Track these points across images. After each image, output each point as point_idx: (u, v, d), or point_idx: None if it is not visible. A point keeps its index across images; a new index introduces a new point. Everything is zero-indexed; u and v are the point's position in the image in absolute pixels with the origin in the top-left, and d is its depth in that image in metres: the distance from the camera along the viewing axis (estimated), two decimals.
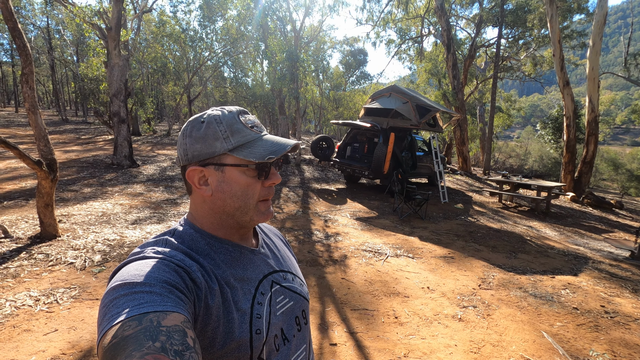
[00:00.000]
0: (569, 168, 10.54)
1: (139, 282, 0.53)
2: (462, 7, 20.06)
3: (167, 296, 0.52)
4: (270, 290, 0.72)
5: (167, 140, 17.07)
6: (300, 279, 0.83)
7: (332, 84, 27.86)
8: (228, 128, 0.67)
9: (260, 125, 0.72)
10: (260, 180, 0.68)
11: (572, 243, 5.77)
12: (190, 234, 0.69)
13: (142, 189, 6.92)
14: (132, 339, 0.44)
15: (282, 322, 0.71)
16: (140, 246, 0.65)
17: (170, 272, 0.57)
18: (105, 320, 0.48)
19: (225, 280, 0.65)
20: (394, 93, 8.60)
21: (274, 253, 0.82)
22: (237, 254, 0.71)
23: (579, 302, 3.43)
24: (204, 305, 0.59)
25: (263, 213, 0.70)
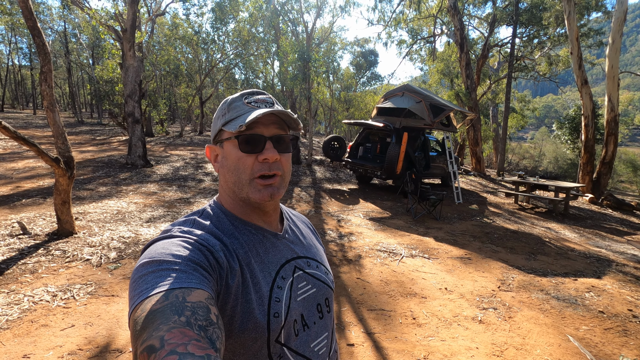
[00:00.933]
0: (587, 169, 10.26)
1: (165, 260, 0.55)
2: (475, 7, 19.80)
3: (192, 273, 0.54)
4: (292, 275, 0.72)
5: (179, 141, 17.25)
6: (325, 267, 0.82)
7: (342, 85, 27.81)
8: (228, 106, 0.71)
9: (266, 102, 0.71)
10: (254, 155, 0.67)
11: (593, 245, 5.59)
12: (217, 214, 0.72)
13: (156, 188, 6.97)
14: (159, 313, 0.46)
15: (302, 308, 0.71)
16: (170, 224, 0.68)
17: (195, 250, 0.59)
18: (135, 295, 0.51)
19: (246, 262, 0.66)
20: (407, 92, 8.50)
21: (300, 239, 0.81)
22: (259, 236, 0.72)
23: (605, 306, 3.30)
24: (224, 283, 0.61)
25: (259, 191, 0.68)
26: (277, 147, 0.69)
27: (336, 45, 25.86)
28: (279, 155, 0.69)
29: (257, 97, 0.72)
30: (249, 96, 0.72)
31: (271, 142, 0.68)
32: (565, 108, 53.48)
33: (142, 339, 0.43)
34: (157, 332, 0.43)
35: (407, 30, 18.53)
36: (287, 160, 0.72)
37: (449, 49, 19.06)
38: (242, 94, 0.73)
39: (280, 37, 10.47)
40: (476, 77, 15.00)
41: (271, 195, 0.68)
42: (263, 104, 0.71)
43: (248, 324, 0.61)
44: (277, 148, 0.69)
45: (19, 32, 28.48)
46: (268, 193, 0.68)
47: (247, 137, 0.67)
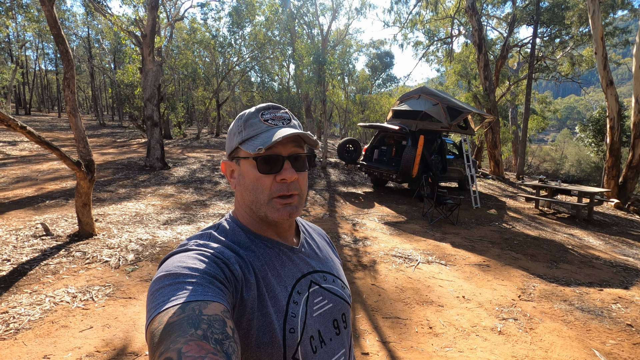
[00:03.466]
0: (612, 173, 9.87)
1: (182, 273, 0.56)
2: (494, 7, 19.42)
3: (208, 286, 0.54)
4: (307, 290, 0.71)
5: (196, 143, 17.54)
6: (342, 282, 0.81)
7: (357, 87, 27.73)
8: (244, 122, 0.70)
9: (283, 119, 0.71)
10: (272, 175, 0.67)
11: (619, 253, 5.36)
12: (233, 228, 0.72)
13: (173, 190, 7.09)
14: (176, 325, 0.46)
15: (319, 324, 0.70)
16: (187, 239, 0.69)
17: (211, 263, 0.60)
18: (152, 308, 0.52)
19: (262, 275, 0.66)
20: (423, 95, 8.39)
21: (316, 253, 0.80)
22: (275, 250, 0.71)
23: (634, 319, 3.14)
24: (240, 296, 0.61)
25: (278, 210, 0.67)
26: (295, 166, 0.69)
27: (351, 47, 25.86)
28: (297, 174, 0.68)
29: (274, 113, 0.71)
30: (265, 112, 0.71)
31: (289, 161, 0.68)
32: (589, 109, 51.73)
33: (160, 351, 0.44)
34: (174, 345, 0.43)
35: (423, 31, 18.33)
36: (304, 178, 0.72)
37: (467, 50, 18.76)
38: (258, 109, 0.72)
39: (296, 40, 10.52)
40: (495, 78, 14.68)
41: (290, 215, 0.68)
42: (280, 121, 0.70)
43: (264, 339, 0.61)
44: (294, 167, 0.68)
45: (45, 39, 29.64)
46: (287, 212, 0.68)
47: (266, 157, 0.67)
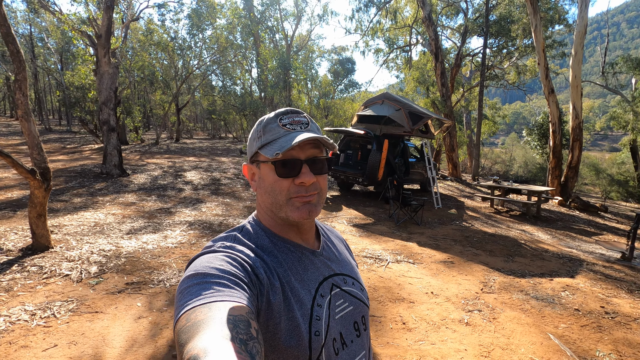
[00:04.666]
0: (555, 173, 10.80)
1: (209, 273, 0.58)
2: (448, 18, 20.59)
3: (234, 288, 0.56)
4: (330, 293, 0.72)
5: (155, 149, 16.81)
6: (360, 284, 0.82)
7: (320, 92, 28.06)
8: (263, 127, 0.72)
9: (301, 123, 0.72)
10: (290, 178, 0.68)
11: (565, 246, 5.89)
12: (256, 231, 0.74)
13: (134, 198, 6.77)
14: (202, 324, 0.48)
15: (340, 326, 0.71)
16: (212, 240, 0.71)
17: (237, 266, 0.61)
18: (180, 306, 0.53)
19: (286, 279, 0.67)
20: (386, 100, 8.70)
21: (335, 256, 0.81)
22: (298, 254, 0.73)
23: (580, 304, 3.48)
24: (266, 300, 0.62)
25: (298, 209, 0.69)
26: (313, 169, 0.69)
27: (314, 53, 26.15)
28: (316, 177, 0.69)
29: (292, 117, 0.72)
30: (283, 117, 0.72)
31: (307, 165, 0.69)
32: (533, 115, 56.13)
33: (187, 348, 0.45)
34: (200, 343, 0.44)
35: (383, 39, 18.99)
36: (324, 179, 0.73)
37: (424, 58, 19.67)
38: (277, 114, 0.73)
39: (260, 44, 10.49)
40: (450, 85, 15.53)
41: (309, 213, 0.69)
42: (298, 125, 0.72)
43: (292, 342, 0.62)
44: (313, 170, 0.69)
45: None
46: (306, 210, 0.69)
47: (284, 161, 0.68)
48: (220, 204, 6.91)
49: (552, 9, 14.76)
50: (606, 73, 18.79)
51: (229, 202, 7.13)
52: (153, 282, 3.27)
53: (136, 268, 3.54)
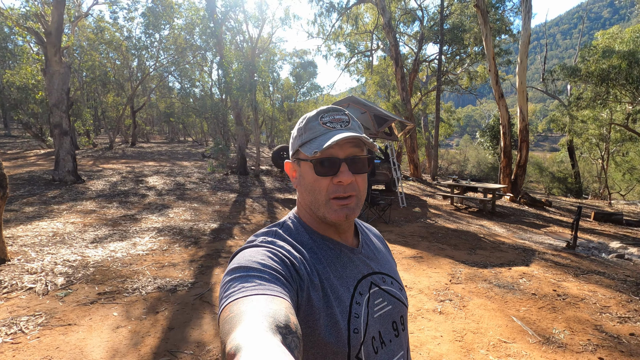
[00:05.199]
0: (506, 172, 11.66)
1: (252, 267, 0.59)
2: (405, 25, 21.51)
3: (275, 282, 0.57)
4: (368, 292, 0.72)
5: (110, 153, 15.92)
6: (399, 283, 0.81)
7: (282, 95, 28.06)
8: (305, 125, 0.73)
9: (342, 121, 0.72)
10: (329, 177, 0.68)
11: (518, 238, 6.41)
12: (296, 227, 0.74)
13: (94, 205, 6.40)
14: (243, 316, 0.49)
15: (379, 325, 0.71)
16: (254, 235, 0.72)
17: (278, 261, 0.62)
18: (224, 297, 0.55)
19: (325, 276, 0.68)
20: (352, 103, 8.95)
21: (374, 254, 0.81)
22: (337, 251, 0.73)
23: (536, 289, 3.84)
24: (306, 296, 0.63)
25: (335, 211, 0.68)
26: (352, 168, 0.69)
27: (276, 56, 26.11)
28: (354, 176, 0.69)
29: (333, 116, 0.72)
30: (325, 115, 0.72)
31: (346, 164, 0.68)
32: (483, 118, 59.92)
33: (230, 338, 0.46)
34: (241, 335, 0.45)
35: (345, 44, 19.42)
36: (363, 180, 0.71)
37: (384, 63, 20.36)
38: (319, 112, 0.73)
39: (224, 47, 10.34)
40: (409, 89, 16.24)
41: (347, 216, 0.68)
42: (339, 123, 0.71)
43: (331, 338, 0.63)
44: (352, 169, 0.69)
45: None
46: (344, 214, 0.68)
47: (322, 160, 0.68)
48: (188, 208, 6.72)
49: (499, 20, 15.93)
50: (546, 80, 20.51)
51: (197, 206, 6.96)
52: (127, 291, 3.16)
53: (107, 277, 3.39)
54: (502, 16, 16.26)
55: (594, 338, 2.85)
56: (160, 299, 3.08)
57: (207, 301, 3.10)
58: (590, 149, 19.14)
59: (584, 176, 21.78)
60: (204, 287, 3.36)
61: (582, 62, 14.85)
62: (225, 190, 8.81)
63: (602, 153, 18.28)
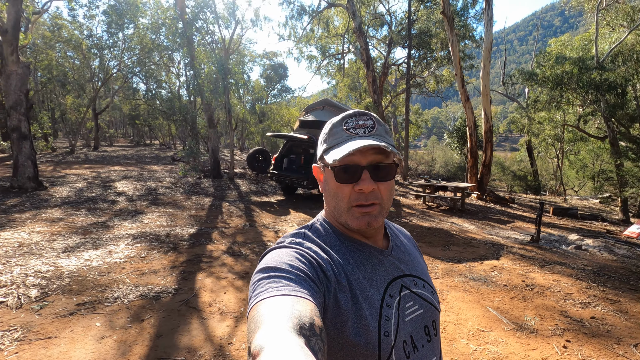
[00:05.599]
0: (473, 171, 12.24)
1: (280, 268, 0.60)
2: (374, 29, 22.03)
3: (302, 283, 0.58)
4: (399, 294, 0.71)
5: (71, 158, 15.11)
6: (431, 287, 0.80)
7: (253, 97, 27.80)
8: (330, 131, 0.73)
9: (366, 127, 0.70)
10: (350, 184, 0.67)
11: (487, 234, 6.78)
12: (325, 229, 0.75)
13: (60, 213, 6.08)
14: (269, 316, 0.50)
15: (411, 329, 0.69)
16: (283, 236, 0.74)
17: (306, 262, 0.63)
18: (252, 297, 0.57)
19: (354, 277, 0.67)
20: (327, 106, 9.07)
21: (405, 256, 0.80)
22: (365, 253, 0.72)
23: (507, 280, 4.10)
24: (333, 297, 0.63)
25: (357, 218, 0.68)
26: (375, 176, 0.67)
27: (246, 57, 25.86)
28: (376, 184, 0.67)
29: (358, 121, 0.71)
30: (349, 120, 0.72)
31: (368, 171, 0.67)
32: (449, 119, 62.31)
33: (255, 337, 0.47)
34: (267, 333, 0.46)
35: (316, 47, 19.59)
36: (387, 188, 0.69)
37: (355, 66, 20.71)
38: (344, 117, 0.72)
39: (195, 48, 10.15)
40: (379, 92, 16.65)
41: (368, 224, 0.68)
42: (362, 129, 0.70)
43: (360, 340, 0.62)
44: (374, 177, 0.67)
45: None
46: (365, 221, 0.67)
47: (344, 167, 0.67)
48: (163, 214, 6.54)
49: (463, 27, 16.70)
50: (506, 83, 21.66)
51: (172, 212, 6.79)
52: (108, 300, 3.06)
53: (85, 287, 3.26)
54: (466, 23, 17.06)
55: (561, 323, 3.10)
56: (144, 306, 3.01)
57: (193, 307, 3.07)
58: (546, 149, 20.46)
59: (542, 174, 23.23)
60: (189, 293, 3.32)
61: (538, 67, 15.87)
62: (199, 194, 8.63)
63: (557, 152, 19.61)
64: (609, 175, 13.11)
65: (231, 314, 2.99)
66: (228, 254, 4.54)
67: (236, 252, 4.63)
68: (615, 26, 14.75)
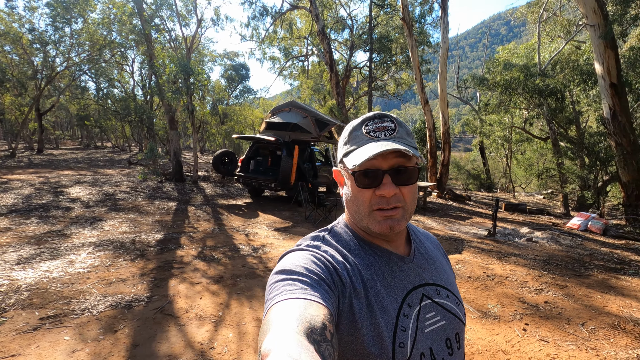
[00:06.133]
0: (433, 170, 12.86)
1: (295, 271, 0.60)
2: (335, 32, 22.38)
3: (316, 287, 0.57)
4: (419, 304, 0.68)
5: (13, 162, 13.89)
6: (456, 297, 0.75)
7: (214, 98, 27.13)
8: (349, 134, 0.71)
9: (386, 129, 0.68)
10: (371, 189, 0.66)
11: (449, 229, 7.17)
12: (344, 233, 0.73)
13: (7, 222, 5.59)
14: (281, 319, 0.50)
15: (431, 341, 0.66)
16: (302, 239, 0.74)
17: (321, 266, 0.62)
18: (267, 300, 0.57)
19: (371, 284, 0.65)
20: (293, 108, 9.10)
21: (428, 264, 0.76)
22: (385, 259, 0.70)
23: (470, 272, 4.39)
24: (348, 303, 0.62)
25: (379, 222, 0.66)
26: (396, 180, 0.65)
27: (206, 57, 25.19)
28: (399, 188, 0.65)
29: (378, 124, 0.69)
30: (369, 123, 0.69)
31: (389, 175, 0.65)
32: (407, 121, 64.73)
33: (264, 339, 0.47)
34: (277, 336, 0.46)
35: (279, 48, 19.54)
36: (409, 191, 0.67)
37: (319, 68, 20.90)
38: (364, 119, 0.70)
39: (155, 47, 9.76)
40: (343, 94, 16.96)
41: (391, 228, 0.65)
42: (383, 132, 0.68)
43: (373, 349, 0.60)
44: (396, 181, 0.65)
45: None
46: (387, 225, 0.65)
47: (365, 172, 0.65)
48: (125, 220, 6.23)
49: (421, 33, 17.47)
50: (459, 87, 22.93)
51: (135, 217, 6.49)
52: (75, 312, 2.89)
53: (47, 300, 3.06)
54: (424, 29, 17.85)
55: (519, 308, 3.40)
56: (115, 317, 2.88)
57: (169, 314, 2.99)
58: (497, 149, 21.90)
59: (493, 173, 24.84)
60: (163, 300, 3.22)
61: (488, 73, 16.98)
62: (163, 199, 8.31)
63: (506, 152, 21.06)
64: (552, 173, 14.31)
65: (209, 318, 2.95)
66: (200, 259, 4.44)
67: (208, 257, 4.55)
68: (554, 37, 16.19)
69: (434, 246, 0.84)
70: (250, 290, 3.57)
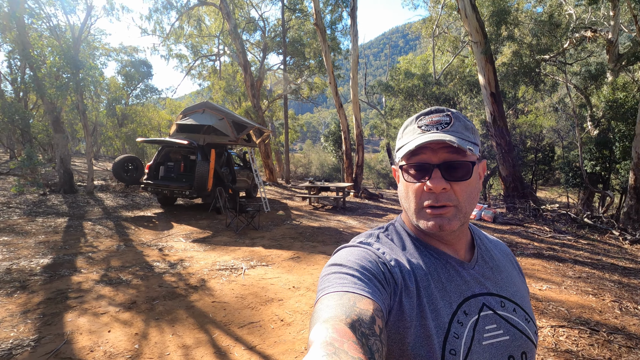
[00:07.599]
0: (348, 171, 13.42)
1: (346, 265, 0.61)
2: (247, 33, 21.89)
3: (367, 283, 0.57)
4: (477, 313, 0.64)
5: None
6: (526, 313, 0.69)
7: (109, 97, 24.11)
8: (403, 129, 0.70)
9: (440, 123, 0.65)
10: (420, 184, 0.63)
11: (369, 227, 7.50)
12: (400, 232, 0.72)
13: None
14: (331, 310, 0.51)
15: (489, 355, 0.62)
16: (356, 236, 0.74)
17: (373, 262, 0.62)
18: (319, 290, 0.58)
19: (425, 284, 0.63)
20: (207, 109, 8.54)
21: (493, 273, 0.71)
22: (442, 262, 0.67)
23: None
24: (398, 301, 0.60)
25: (428, 220, 0.63)
26: (447, 175, 0.62)
27: (97, 50, 22.27)
28: (449, 184, 0.62)
29: (432, 117, 0.66)
30: (423, 117, 0.67)
31: (439, 170, 0.62)
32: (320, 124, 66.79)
33: (313, 327, 0.49)
34: (325, 325, 0.47)
35: (186, 45, 18.26)
36: (463, 189, 0.63)
37: (231, 68, 20.15)
38: (419, 114, 0.68)
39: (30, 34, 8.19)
40: (258, 95, 16.62)
41: (440, 227, 0.62)
42: (435, 125, 0.65)
43: (421, 351, 0.58)
44: (446, 176, 0.62)
45: None
46: (436, 224, 0.62)
47: (414, 165, 0.64)
48: None
49: (333, 40, 18.14)
50: (367, 93, 24.50)
51: (9, 240, 5.28)
52: None
53: None
54: (334, 36, 18.56)
55: None
56: None
57: (67, 357, 2.44)
58: None
59: None
60: (58, 341, 2.63)
61: (392, 80, 18.49)
62: (48, 215, 6.97)
63: None
64: None
65: (122, 354, 2.50)
66: (104, 283, 3.79)
67: (114, 280, 3.91)
68: (444, 51, 18.40)
69: (503, 255, 0.79)
70: (172, 314, 3.16)
